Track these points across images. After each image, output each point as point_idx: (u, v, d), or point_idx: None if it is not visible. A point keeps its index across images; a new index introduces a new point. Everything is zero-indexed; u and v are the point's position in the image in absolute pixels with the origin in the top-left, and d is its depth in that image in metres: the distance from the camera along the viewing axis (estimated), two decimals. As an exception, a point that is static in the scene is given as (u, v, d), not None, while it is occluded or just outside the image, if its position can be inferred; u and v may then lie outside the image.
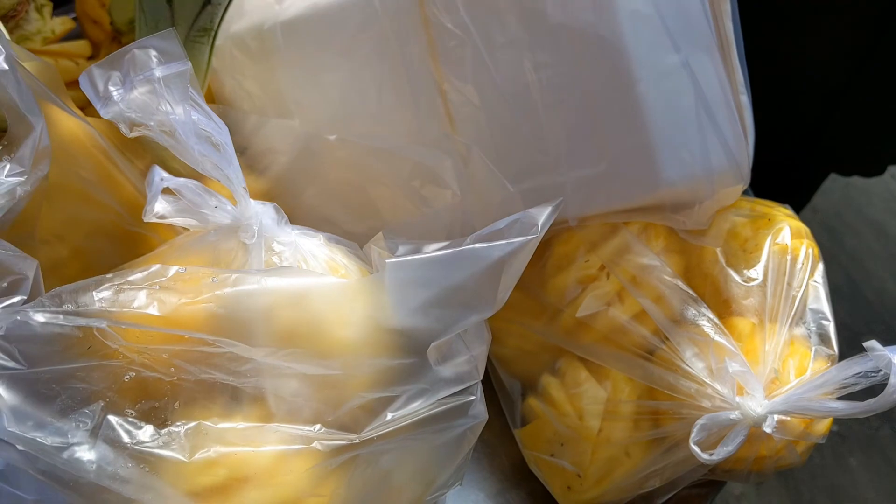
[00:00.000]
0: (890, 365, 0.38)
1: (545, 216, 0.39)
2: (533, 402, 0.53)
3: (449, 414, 0.40)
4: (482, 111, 0.49)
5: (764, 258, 0.50)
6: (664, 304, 0.49)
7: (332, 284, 0.37)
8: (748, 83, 0.54)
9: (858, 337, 1.51)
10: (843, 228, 1.81)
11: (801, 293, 0.49)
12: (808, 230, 0.53)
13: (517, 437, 0.55)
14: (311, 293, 0.36)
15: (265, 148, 0.52)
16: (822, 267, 0.52)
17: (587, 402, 0.50)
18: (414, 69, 0.50)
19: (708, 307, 0.48)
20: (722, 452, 0.44)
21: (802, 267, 0.50)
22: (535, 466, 0.54)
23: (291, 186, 0.51)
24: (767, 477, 0.49)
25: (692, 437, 0.44)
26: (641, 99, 0.47)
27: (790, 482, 1.40)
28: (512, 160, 0.50)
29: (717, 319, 0.47)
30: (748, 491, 1.37)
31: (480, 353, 0.41)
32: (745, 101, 0.53)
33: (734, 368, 0.44)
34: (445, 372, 0.39)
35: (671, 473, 0.48)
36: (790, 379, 0.46)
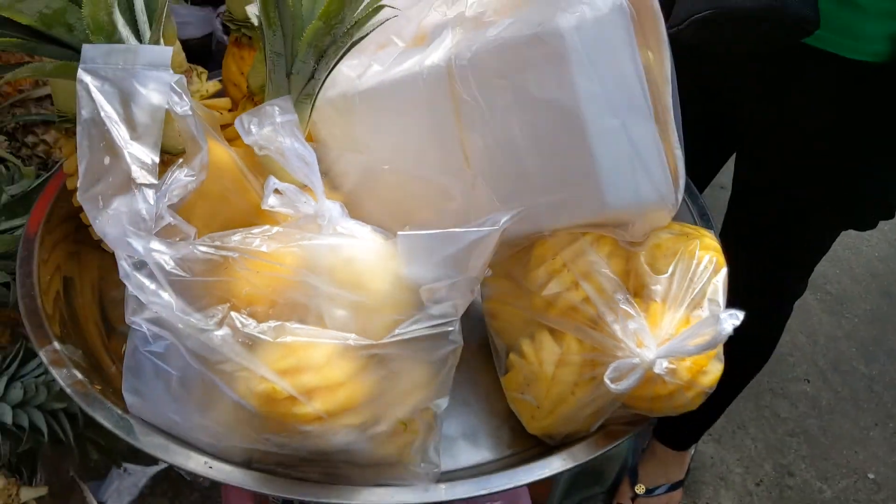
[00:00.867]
0: (719, 320, 0.60)
1: (505, 218, 0.63)
2: (512, 356, 0.76)
3: (436, 337, 0.63)
4: (485, 153, 0.73)
5: (675, 261, 0.71)
6: (603, 291, 0.71)
7: (368, 246, 0.61)
8: (682, 141, 0.76)
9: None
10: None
11: (699, 287, 0.70)
12: (718, 247, 0.74)
13: (502, 382, 0.78)
14: (355, 249, 0.61)
15: (341, 171, 0.77)
16: (724, 272, 0.73)
17: (546, 354, 0.73)
18: (443, 124, 0.74)
19: (630, 294, 0.71)
20: (624, 385, 0.65)
21: (705, 269, 0.71)
22: (511, 403, 0.76)
23: (357, 198, 0.76)
24: (666, 413, 0.70)
25: (606, 374, 0.66)
26: (592, 149, 0.70)
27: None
28: (504, 186, 0.74)
29: (633, 301, 0.69)
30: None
31: (462, 302, 0.65)
32: (678, 154, 0.76)
33: (633, 327, 0.66)
34: (433, 309, 0.62)
35: (598, 406, 0.70)
36: (680, 342, 0.68)
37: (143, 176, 0.55)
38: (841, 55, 1.00)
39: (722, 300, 0.71)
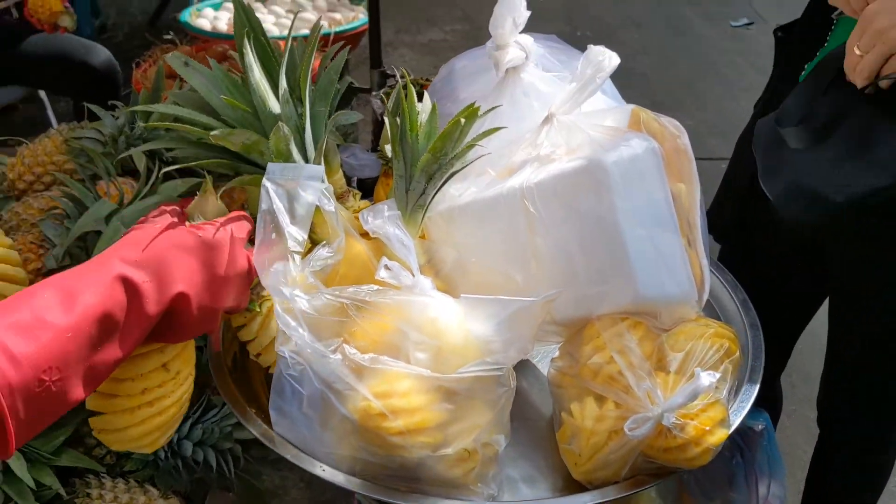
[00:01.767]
0: (699, 377, 0.78)
1: (545, 294, 0.86)
2: (564, 415, 0.96)
3: (491, 380, 0.85)
4: (546, 253, 0.97)
5: (691, 343, 0.91)
6: (632, 366, 0.91)
7: (447, 307, 0.86)
8: (707, 248, 0.96)
9: None
10: None
11: (710, 364, 0.89)
12: (732, 337, 0.93)
13: (557, 437, 0.98)
14: (437, 309, 0.85)
15: (439, 259, 1.03)
16: (736, 356, 0.91)
17: (588, 412, 0.92)
18: (517, 231, 0.99)
19: (654, 368, 0.90)
20: (638, 432, 0.84)
21: (716, 352, 0.90)
22: (562, 454, 0.96)
23: (451, 280, 1.01)
24: (677, 468, 0.87)
25: (626, 424, 0.85)
26: (627, 252, 0.92)
27: None
28: (559, 279, 0.96)
29: (654, 373, 0.89)
30: None
31: (513, 355, 0.87)
32: (704, 262, 0.96)
33: (649, 389, 0.86)
34: (489, 358, 0.85)
35: (625, 453, 0.88)
36: (688, 403, 0.86)
37: (295, 247, 0.83)
38: None
39: (729, 380, 0.89)
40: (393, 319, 0.84)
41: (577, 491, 0.95)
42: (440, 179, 0.99)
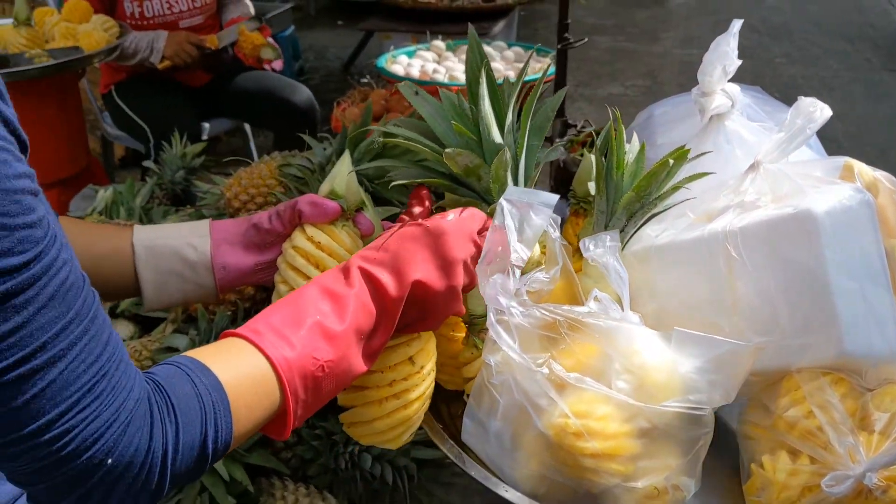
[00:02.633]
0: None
1: (757, 339, 0.85)
2: (753, 466, 0.94)
3: (690, 418, 0.85)
4: (747, 299, 0.96)
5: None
6: (834, 423, 0.88)
7: (655, 342, 0.87)
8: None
9: None
10: None
11: (920, 429, 0.84)
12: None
13: (743, 489, 0.95)
14: (645, 340, 0.86)
15: (641, 300, 1.04)
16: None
17: (780, 465, 0.90)
18: (717, 275, 0.98)
19: (856, 427, 0.87)
20: (837, 489, 0.81)
21: (926, 416, 0.85)
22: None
23: (655, 319, 1.02)
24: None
25: (823, 480, 0.83)
26: (834, 305, 0.90)
27: None
28: (760, 327, 0.95)
29: (857, 432, 0.85)
30: None
31: (717, 398, 0.86)
32: (918, 321, 0.92)
33: (851, 446, 0.82)
34: (692, 396, 0.85)
35: (819, 510, 0.85)
36: (894, 466, 0.82)
37: (517, 262, 0.87)
38: None
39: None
40: (600, 343, 0.86)
41: (762, 546, 0.93)
42: (641, 219, 1.01)
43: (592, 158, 1.05)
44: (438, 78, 3.19)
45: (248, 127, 3.74)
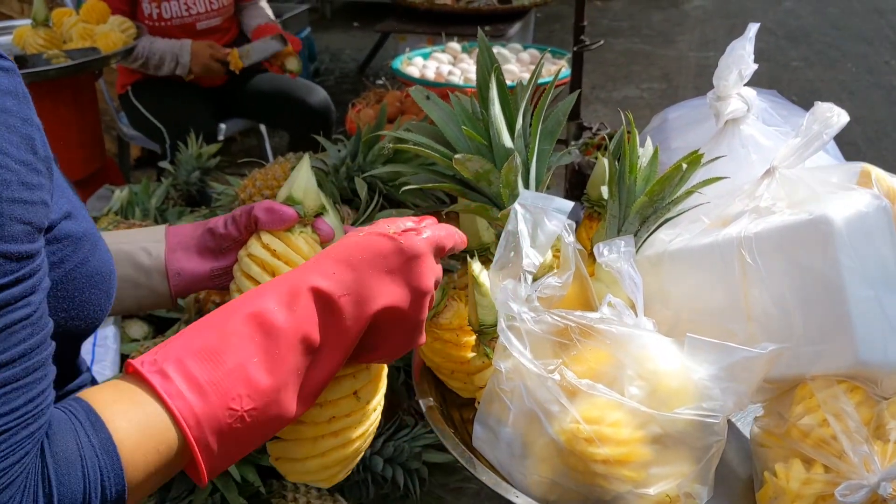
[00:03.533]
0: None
1: (772, 347, 0.84)
2: (766, 475, 0.93)
3: (703, 426, 0.84)
4: (762, 305, 0.95)
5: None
6: (848, 431, 0.87)
7: (669, 348, 0.86)
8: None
9: None
10: None
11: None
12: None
13: (756, 497, 0.94)
14: (658, 347, 0.86)
15: (655, 306, 1.03)
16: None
17: (794, 474, 0.89)
18: (731, 281, 0.98)
19: (871, 436, 0.85)
20: (851, 499, 0.80)
21: (943, 426, 0.84)
22: (762, 513, 0.92)
23: (669, 325, 1.01)
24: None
25: (837, 490, 0.82)
26: (849, 312, 0.89)
27: None
28: (775, 333, 0.94)
29: (872, 441, 0.84)
30: None
31: (730, 406, 0.85)
32: (932, 329, 0.91)
33: (865, 455, 0.81)
34: (705, 403, 0.84)
35: (833, 520, 0.84)
36: (910, 476, 0.81)
37: (529, 268, 0.86)
38: None
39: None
40: (613, 350, 0.86)
41: (774, 555, 0.92)
42: (654, 223, 1.00)
43: (605, 162, 1.05)
44: (453, 80, 3.19)
45: (263, 127, 3.75)
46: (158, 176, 3.18)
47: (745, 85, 1.17)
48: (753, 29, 1.12)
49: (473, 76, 3.33)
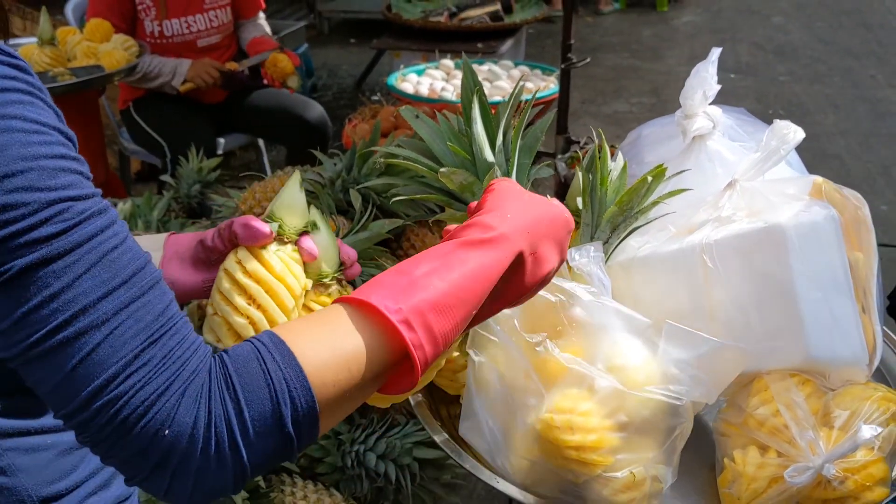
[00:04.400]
0: (860, 429, 0.83)
1: (740, 345, 0.93)
2: (726, 460, 1.02)
3: (669, 408, 0.92)
4: (722, 306, 1.04)
5: (858, 405, 0.94)
6: (798, 420, 0.95)
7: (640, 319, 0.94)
8: (882, 315, 1.00)
9: None
10: None
11: (875, 423, 0.92)
12: (902, 402, 0.95)
13: (717, 482, 1.03)
14: (626, 332, 0.94)
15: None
16: (903, 420, 0.93)
17: (750, 459, 0.97)
18: (695, 283, 1.06)
19: (818, 424, 0.94)
20: (798, 479, 0.89)
21: (882, 413, 0.93)
22: (721, 498, 1.01)
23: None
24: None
25: (786, 472, 0.90)
26: (800, 312, 0.98)
27: None
28: (735, 332, 1.02)
29: (818, 428, 0.93)
30: None
31: (697, 393, 0.93)
32: (878, 329, 1.00)
33: (811, 440, 0.90)
34: (673, 386, 0.93)
35: (782, 502, 0.93)
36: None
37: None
38: None
39: (894, 439, 0.92)
40: (586, 345, 0.94)
41: (733, 534, 1.00)
42: (623, 231, 1.09)
43: (580, 175, 1.13)
44: (446, 96, 3.29)
45: (261, 142, 3.84)
46: (159, 189, 3.27)
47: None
48: (716, 53, 1.21)
49: (466, 92, 3.44)
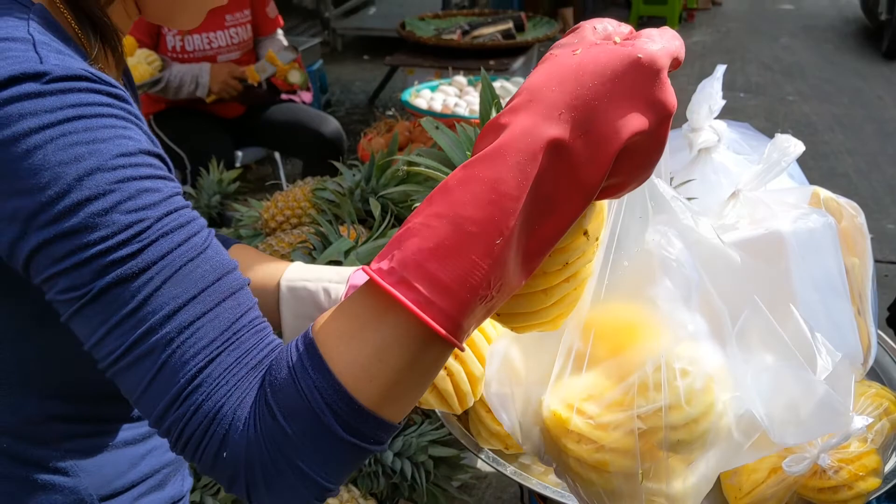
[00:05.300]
0: (852, 420, 0.89)
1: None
2: (729, 453, 1.07)
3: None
4: (729, 300, 1.10)
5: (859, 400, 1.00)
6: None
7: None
8: (877, 317, 1.06)
9: None
10: None
11: (873, 418, 0.98)
12: (893, 399, 1.01)
13: (720, 474, 1.08)
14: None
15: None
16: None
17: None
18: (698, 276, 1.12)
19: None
20: (795, 468, 0.95)
21: (875, 408, 0.99)
22: (724, 489, 1.07)
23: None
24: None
25: (785, 461, 0.96)
26: (799, 311, 1.04)
27: None
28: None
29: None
30: None
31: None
32: (872, 331, 1.06)
33: (807, 430, 0.96)
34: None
35: (781, 488, 0.98)
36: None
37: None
38: None
39: (886, 433, 0.98)
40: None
41: (735, 524, 1.06)
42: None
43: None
44: (459, 111, 3.36)
45: (277, 155, 3.93)
46: (179, 200, 3.34)
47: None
48: (721, 70, 1.28)
49: (478, 108, 3.51)
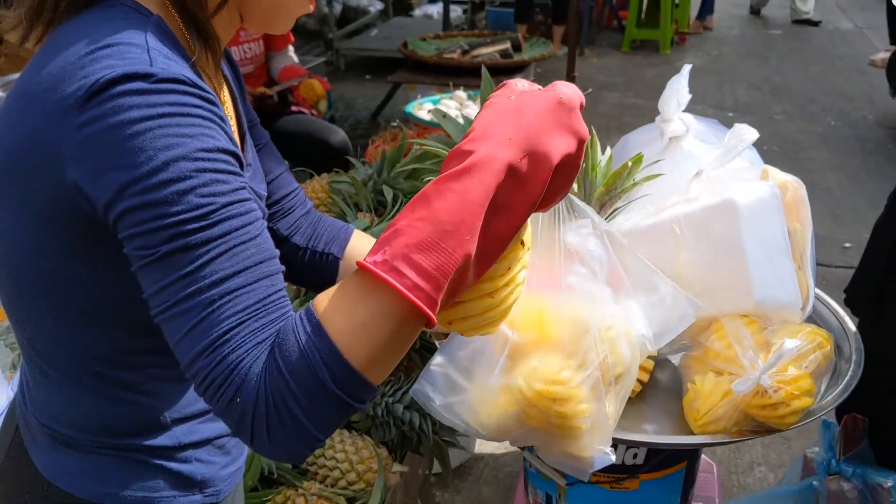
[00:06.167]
0: (784, 343, 1.09)
1: (697, 303, 1.20)
2: (689, 384, 1.27)
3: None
4: (689, 265, 1.31)
5: (791, 336, 1.20)
6: (745, 348, 1.21)
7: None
8: (815, 274, 1.26)
9: None
10: None
11: (806, 350, 1.18)
12: (827, 336, 1.21)
13: (683, 402, 1.29)
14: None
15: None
16: (828, 350, 1.19)
17: (707, 381, 1.23)
18: (665, 249, 1.33)
19: (760, 351, 1.20)
20: (741, 388, 1.15)
21: (809, 343, 1.19)
22: (686, 414, 1.27)
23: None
24: (773, 423, 1.16)
25: (732, 384, 1.16)
26: (748, 269, 1.25)
27: None
28: (698, 284, 1.29)
29: (756, 350, 1.19)
30: None
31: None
32: (811, 283, 1.27)
33: (751, 359, 1.16)
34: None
35: (732, 408, 1.18)
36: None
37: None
38: None
39: (820, 361, 1.18)
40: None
41: (696, 445, 1.26)
42: (610, 208, 1.36)
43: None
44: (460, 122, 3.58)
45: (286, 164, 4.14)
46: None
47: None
48: (687, 69, 1.50)
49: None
